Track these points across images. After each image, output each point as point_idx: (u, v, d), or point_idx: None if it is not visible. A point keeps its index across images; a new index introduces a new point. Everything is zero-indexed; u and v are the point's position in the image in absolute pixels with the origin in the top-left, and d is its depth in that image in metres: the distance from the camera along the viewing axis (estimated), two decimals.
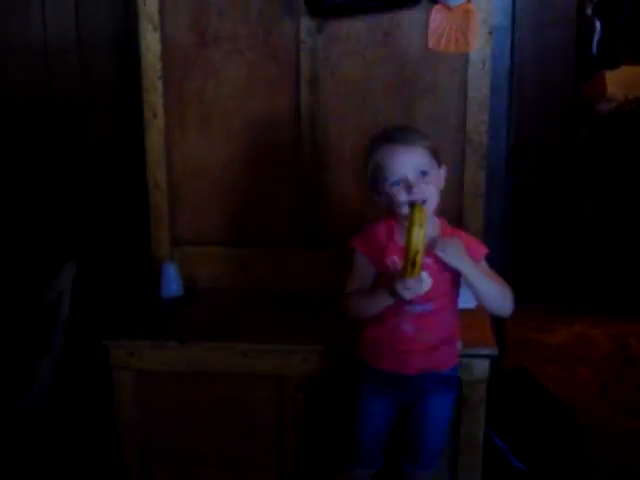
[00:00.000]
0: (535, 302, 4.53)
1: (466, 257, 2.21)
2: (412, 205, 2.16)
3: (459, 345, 2.45)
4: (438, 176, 2.29)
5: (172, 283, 3.01)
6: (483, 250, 2.34)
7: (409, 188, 2.20)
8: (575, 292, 4.59)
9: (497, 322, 3.04)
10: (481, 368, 2.60)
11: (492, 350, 2.61)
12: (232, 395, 2.74)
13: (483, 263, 2.33)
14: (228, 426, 2.77)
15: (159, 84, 2.96)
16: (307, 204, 3.04)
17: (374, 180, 2.29)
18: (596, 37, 4.78)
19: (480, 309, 2.83)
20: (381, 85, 2.93)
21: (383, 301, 2.24)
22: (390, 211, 2.30)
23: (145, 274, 3.11)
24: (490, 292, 2.25)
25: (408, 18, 2.86)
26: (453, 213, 2.93)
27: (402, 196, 2.22)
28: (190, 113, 3.02)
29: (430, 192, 2.23)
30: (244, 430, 2.77)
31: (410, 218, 2.09)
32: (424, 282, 2.13)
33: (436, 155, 2.29)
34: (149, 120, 3.00)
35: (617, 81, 5.00)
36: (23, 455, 2.86)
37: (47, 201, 3.43)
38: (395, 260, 2.26)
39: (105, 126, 3.33)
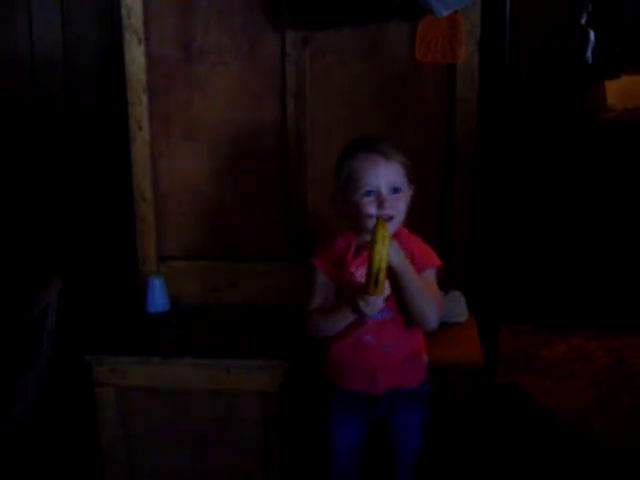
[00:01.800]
0: (532, 315, 4.51)
1: (403, 257, 2.18)
2: (376, 220, 2.11)
3: (425, 359, 2.42)
4: (408, 194, 2.27)
5: (158, 298, 2.99)
6: (432, 261, 2.32)
7: (381, 202, 2.19)
8: (572, 305, 4.54)
9: (489, 336, 3.01)
10: (467, 384, 2.56)
11: (478, 366, 2.57)
12: (216, 411, 2.71)
13: (428, 273, 2.30)
14: (212, 443, 2.74)
15: (144, 97, 2.94)
16: (295, 218, 3.01)
17: (344, 186, 2.26)
18: (590, 46, 4.75)
19: (469, 323, 2.83)
20: (368, 96, 2.90)
21: (345, 318, 2.23)
22: (351, 220, 2.28)
23: (131, 289, 3.08)
24: (418, 299, 2.21)
25: (395, 29, 2.84)
26: (440, 225, 2.92)
27: (371, 209, 2.20)
28: (176, 126, 3.00)
29: (399, 209, 2.22)
30: (228, 447, 2.73)
31: (372, 235, 2.05)
32: (384, 289, 2.11)
33: (409, 173, 2.27)
34: (134, 133, 2.97)
35: (617, 91, 4.97)
36: (6, 472, 2.83)
37: (32, 214, 3.41)
38: (353, 273, 2.24)
39: (91, 139, 3.31)
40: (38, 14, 3.23)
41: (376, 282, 2.05)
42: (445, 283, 2.84)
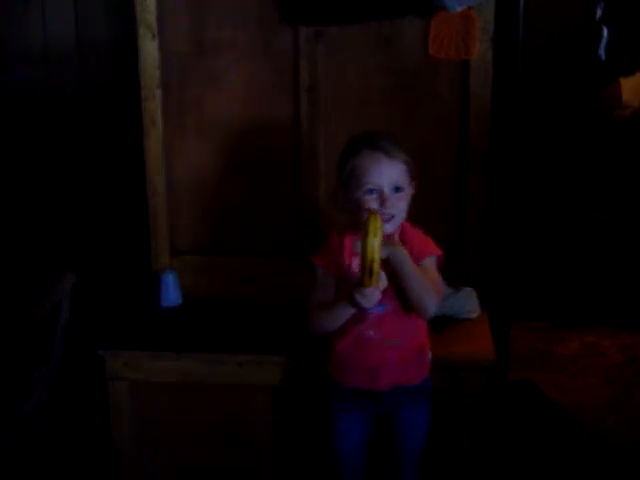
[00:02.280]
0: (545, 312, 4.50)
1: (396, 246, 2.19)
2: (368, 213, 2.12)
3: (429, 356, 2.42)
4: (409, 192, 2.28)
5: (170, 293, 2.99)
6: (431, 250, 2.32)
7: (383, 201, 2.20)
8: (586, 302, 4.53)
9: (502, 333, 3.01)
10: (479, 380, 2.56)
11: (490, 362, 2.57)
12: (228, 406, 2.72)
13: (427, 263, 2.29)
14: (224, 437, 2.75)
15: (158, 92, 2.95)
16: (307, 214, 3.01)
17: (347, 182, 2.27)
18: (603, 43, 4.72)
19: (480, 320, 2.82)
20: (381, 92, 2.90)
21: (345, 312, 2.23)
22: (351, 216, 2.29)
23: (144, 283, 3.09)
24: (417, 287, 2.21)
25: (409, 25, 2.82)
26: (453, 221, 2.93)
27: (372, 206, 2.20)
28: (189, 121, 3.00)
29: (400, 208, 2.24)
30: (240, 441, 2.74)
31: (365, 227, 2.06)
32: (381, 281, 2.12)
33: (411, 171, 2.27)
34: (148, 128, 2.98)
35: (632, 88, 4.93)
36: (18, 466, 2.84)
37: (46, 209, 3.42)
38: (349, 265, 2.27)
39: (104, 134, 3.31)
40: (52, 10, 3.24)
41: (370, 273, 2.07)
42: (457, 279, 2.86)
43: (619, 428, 3.44)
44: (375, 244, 2.05)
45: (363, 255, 2.06)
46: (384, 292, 2.15)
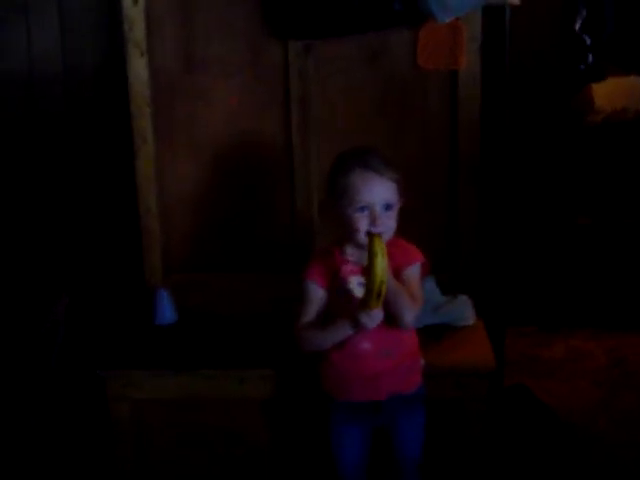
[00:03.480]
0: (530, 316, 4.52)
1: None
2: (370, 235, 2.16)
3: (422, 362, 2.44)
4: (397, 209, 2.30)
5: (166, 310, 2.98)
6: (414, 258, 2.36)
7: (373, 219, 2.22)
8: (568, 305, 4.57)
9: (497, 339, 3.03)
10: (480, 386, 2.57)
11: (491, 368, 2.59)
12: (230, 422, 2.71)
13: (411, 272, 2.33)
14: (227, 453, 2.74)
15: (147, 110, 2.94)
16: (301, 229, 3.01)
17: (338, 199, 2.28)
18: (586, 52, 4.79)
19: (477, 326, 2.84)
20: (371, 104, 2.92)
21: (344, 332, 2.26)
22: (340, 230, 2.32)
23: (139, 301, 3.08)
24: (396, 299, 2.24)
25: (397, 37, 2.85)
26: (447, 232, 2.96)
27: (363, 224, 2.22)
28: (180, 138, 3.00)
29: (389, 226, 2.26)
30: (242, 456, 2.73)
31: (371, 249, 2.10)
32: None
33: (400, 188, 2.30)
34: (139, 146, 2.97)
35: (604, 93, 5.00)
36: None
37: (38, 230, 3.40)
38: (345, 279, 2.30)
39: (93, 155, 3.30)
40: (36, 30, 3.22)
41: (378, 295, 2.10)
42: (452, 287, 2.89)
43: (610, 429, 3.47)
44: (384, 265, 2.07)
45: (372, 277, 2.08)
46: None
